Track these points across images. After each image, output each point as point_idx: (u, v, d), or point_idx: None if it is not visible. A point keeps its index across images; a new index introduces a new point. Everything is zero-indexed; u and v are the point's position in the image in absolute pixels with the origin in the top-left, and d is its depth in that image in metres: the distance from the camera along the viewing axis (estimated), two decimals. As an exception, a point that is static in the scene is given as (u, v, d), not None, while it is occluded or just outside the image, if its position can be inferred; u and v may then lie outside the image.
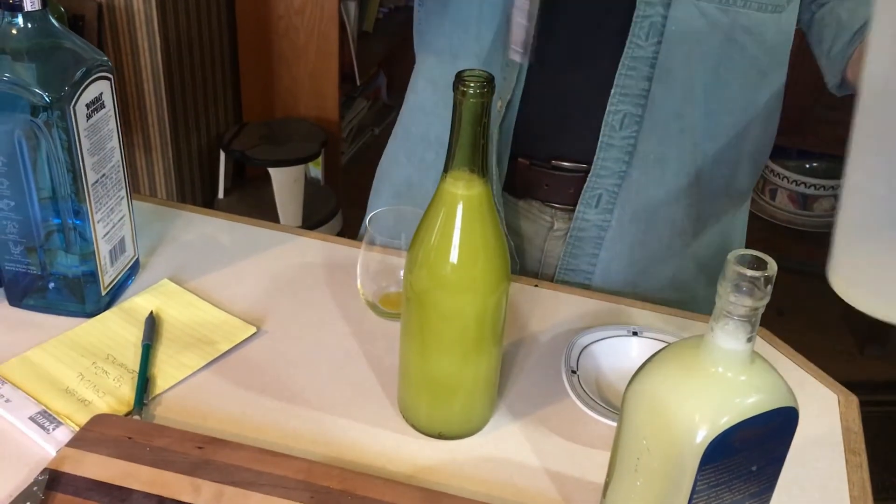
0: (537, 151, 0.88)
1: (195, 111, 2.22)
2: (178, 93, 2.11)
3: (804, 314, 2.35)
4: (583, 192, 0.86)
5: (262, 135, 2.27)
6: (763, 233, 0.89)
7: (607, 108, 0.82)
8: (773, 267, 0.48)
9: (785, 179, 2.18)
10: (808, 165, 2.18)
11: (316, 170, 2.40)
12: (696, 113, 0.82)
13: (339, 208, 2.36)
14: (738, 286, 0.48)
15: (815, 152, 2.12)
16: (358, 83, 2.53)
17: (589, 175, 0.85)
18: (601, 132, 0.83)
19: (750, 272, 0.48)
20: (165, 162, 2.15)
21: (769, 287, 0.48)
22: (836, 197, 2.19)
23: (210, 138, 2.31)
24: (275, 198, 2.23)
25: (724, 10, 0.78)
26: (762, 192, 2.20)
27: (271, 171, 2.20)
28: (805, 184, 2.16)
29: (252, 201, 2.32)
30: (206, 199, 2.35)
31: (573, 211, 0.88)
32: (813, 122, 1.99)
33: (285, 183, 2.22)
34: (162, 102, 2.06)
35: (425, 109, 0.92)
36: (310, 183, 2.34)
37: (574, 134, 0.86)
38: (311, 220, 2.27)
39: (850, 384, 0.76)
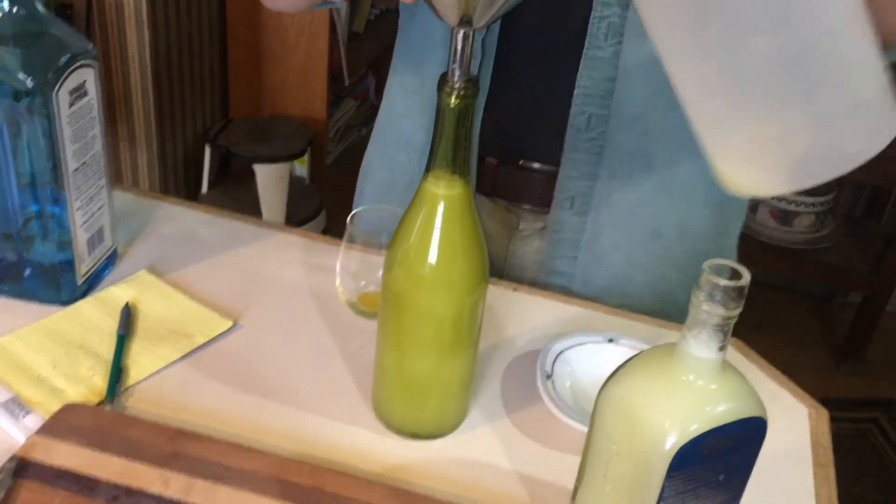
0: (504, 151, 0.88)
1: (182, 105, 2.21)
2: (164, 86, 2.10)
3: (781, 328, 2.38)
4: (555, 194, 0.86)
5: (248, 131, 2.27)
6: (743, 247, 0.91)
7: (571, 109, 0.82)
8: (746, 277, 0.48)
9: (767, 195, 2.19)
10: (789, 182, 2.20)
11: (301, 168, 2.40)
12: (662, 114, 0.82)
13: (322, 207, 2.36)
14: (711, 295, 0.49)
15: (797, 169, 2.14)
16: (347, 83, 2.53)
17: (559, 177, 0.85)
18: (567, 133, 0.83)
19: (724, 282, 0.48)
20: (150, 155, 2.14)
21: (742, 297, 0.49)
22: (815, 214, 2.21)
23: (196, 133, 2.31)
24: (258, 194, 2.23)
25: None
26: (744, 206, 2.22)
27: (256, 167, 2.20)
28: (786, 200, 2.18)
29: (236, 197, 2.31)
30: (189, 194, 2.34)
31: (539, 212, 0.89)
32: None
33: (270, 180, 2.22)
34: (148, 95, 2.05)
35: (396, 113, 0.93)
36: (294, 181, 2.34)
37: (540, 135, 0.87)
38: (295, 219, 2.26)
39: (825, 400, 0.77)
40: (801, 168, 0.46)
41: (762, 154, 0.48)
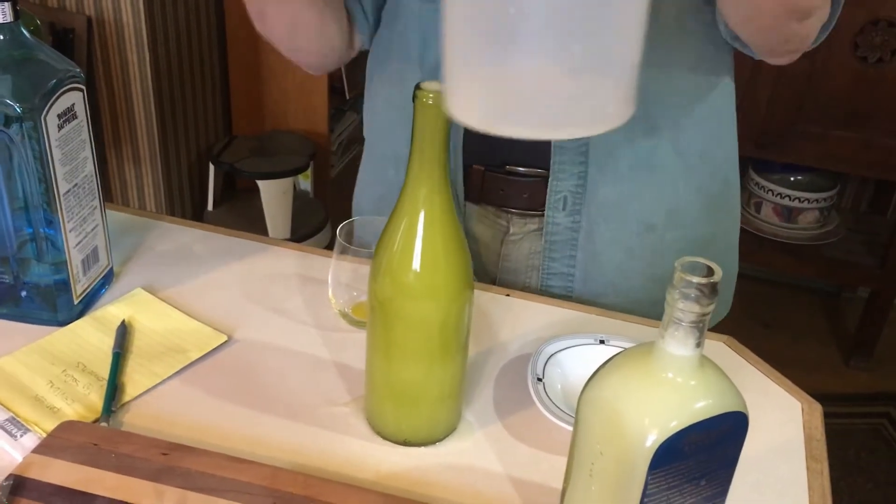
0: (490, 158, 0.89)
1: (185, 124, 2.23)
2: (167, 106, 2.12)
3: (790, 326, 2.37)
4: (547, 196, 0.87)
5: (251, 147, 2.29)
6: (748, 245, 0.91)
7: None
8: (718, 274, 0.49)
9: (769, 192, 2.19)
10: (792, 178, 2.19)
11: (305, 182, 2.42)
12: (641, 106, 0.83)
13: (327, 220, 2.37)
14: (685, 294, 0.49)
15: (799, 165, 2.13)
16: (347, 96, 2.55)
17: (549, 179, 0.86)
18: None
19: (696, 279, 0.49)
20: (155, 174, 2.16)
21: (716, 294, 0.49)
22: (820, 210, 2.20)
23: (199, 151, 2.33)
24: (264, 210, 2.24)
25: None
26: (747, 205, 2.22)
27: (260, 183, 2.21)
28: (790, 197, 2.17)
29: (241, 213, 2.33)
30: (195, 212, 2.35)
31: (528, 215, 0.90)
32: (796, 136, 2.00)
33: (274, 195, 2.23)
34: (151, 115, 2.07)
35: (383, 128, 0.95)
36: (299, 195, 2.35)
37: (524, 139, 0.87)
38: (300, 232, 2.28)
39: (836, 396, 0.77)
40: (552, 116, 0.49)
41: (517, 93, 0.49)
